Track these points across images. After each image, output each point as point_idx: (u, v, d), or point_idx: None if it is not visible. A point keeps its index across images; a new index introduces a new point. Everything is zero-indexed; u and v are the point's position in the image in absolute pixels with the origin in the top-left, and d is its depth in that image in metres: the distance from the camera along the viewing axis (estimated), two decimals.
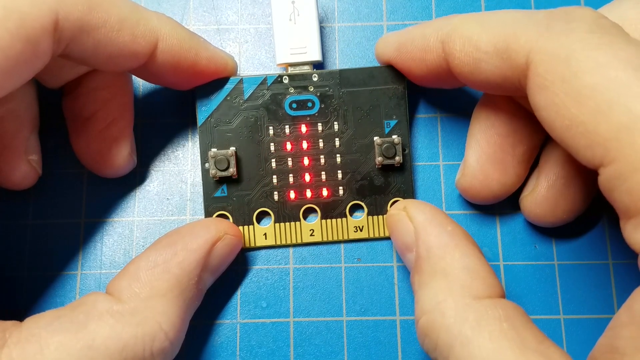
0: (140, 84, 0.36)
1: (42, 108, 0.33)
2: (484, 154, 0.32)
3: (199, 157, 0.35)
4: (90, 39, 0.27)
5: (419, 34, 0.30)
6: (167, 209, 0.35)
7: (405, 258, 0.30)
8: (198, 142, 0.34)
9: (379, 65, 0.34)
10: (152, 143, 0.35)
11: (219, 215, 0.33)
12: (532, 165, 0.33)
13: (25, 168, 0.32)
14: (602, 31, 0.24)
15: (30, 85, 0.32)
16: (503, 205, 0.34)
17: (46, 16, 0.25)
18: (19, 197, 0.34)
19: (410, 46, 0.31)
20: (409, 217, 0.29)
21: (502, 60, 0.26)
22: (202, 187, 0.33)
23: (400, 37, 0.31)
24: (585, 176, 0.31)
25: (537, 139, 0.32)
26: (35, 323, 0.26)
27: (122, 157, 0.33)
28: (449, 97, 0.36)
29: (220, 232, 0.31)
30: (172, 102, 0.36)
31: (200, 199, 0.34)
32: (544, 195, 0.31)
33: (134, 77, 0.35)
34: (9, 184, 0.32)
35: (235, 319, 0.33)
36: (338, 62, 0.36)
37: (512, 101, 0.31)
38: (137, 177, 0.35)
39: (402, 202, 0.31)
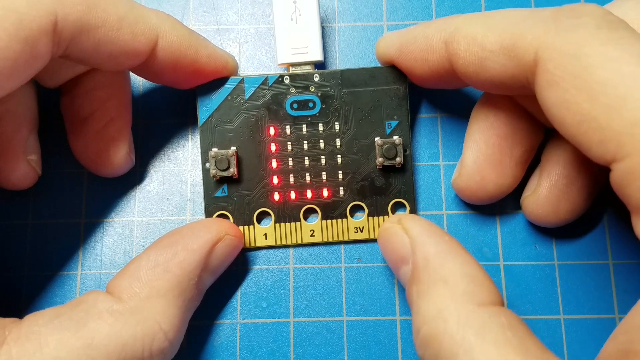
0: (140, 84, 0.36)
1: (42, 108, 0.33)
2: (481, 154, 0.31)
3: (199, 157, 0.35)
4: (90, 39, 0.27)
5: (420, 34, 0.30)
6: (167, 209, 0.35)
7: (400, 272, 0.29)
8: (198, 142, 0.34)
9: (380, 65, 0.34)
10: (152, 143, 0.35)
11: (219, 215, 0.33)
12: (531, 166, 0.33)
13: (24, 168, 0.32)
14: (611, 26, 0.24)
15: (29, 85, 0.32)
16: (503, 205, 0.34)
17: (44, 17, 0.25)
18: (19, 197, 0.34)
19: (412, 47, 0.31)
20: (404, 229, 0.29)
21: (509, 58, 0.26)
22: (202, 187, 0.33)
23: (402, 37, 0.31)
24: (587, 176, 0.31)
25: (536, 141, 0.32)
26: (35, 321, 0.26)
27: (120, 156, 0.33)
28: (449, 97, 0.36)
29: (221, 232, 0.31)
30: (172, 102, 0.36)
31: (200, 199, 0.34)
32: (546, 195, 0.31)
33: (133, 77, 0.35)
34: (9, 184, 0.32)
35: (235, 319, 0.33)
36: (338, 62, 0.36)
37: (512, 102, 0.31)
38: (137, 177, 0.35)
39: (395, 216, 0.31)
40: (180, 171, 0.35)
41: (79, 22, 0.26)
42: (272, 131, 0.33)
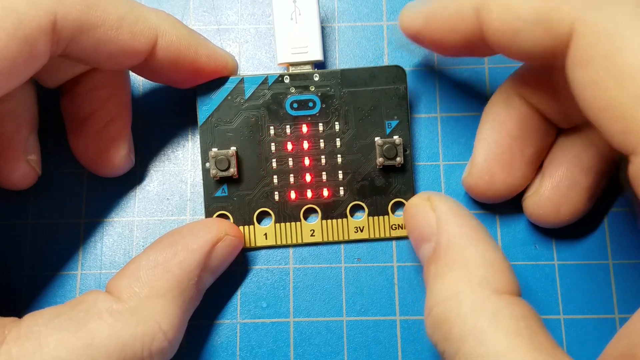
0: (140, 84, 0.36)
1: (42, 108, 0.33)
2: (492, 153, 0.31)
3: (199, 157, 0.35)
4: (90, 39, 0.27)
5: (450, 1, 0.29)
6: (167, 209, 0.35)
7: (420, 249, 0.29)
8: (198, 142, 0.34)
9: (380, 65, 0.33)
10: (152, 143, 0.35)
11: (219, 215, 0.33)
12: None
13: (24, 168, 0.32)
14: None
15: (29, 84, 0.32)
16: (504, 206, 0.34)
17: (43, 17, 0.25)
18: (19, 197, 0.34)
19: (441, 15, 0.29)
20: (432, 207, 0.29)
21: (543, 30, 0.25)
22: (202, 187, 0.33)
23: (429, 5, 0.30)
24: (590, 179, 0.31)
25: (547, 141, 0.32)
26: (35, 320, 0.26)
27: (120, 156, 0.33)
28: (449, 97, 0.36)
29: (221, 232, 0.31)
30: (172, 102, 0.36)
31: (200, 199, 0.34)
32: (548, 196, 0.31)
33: (133, 77, 0.35)
34: (8, 184, 0.32)
35: (235, 319, 0.33)
36: (338, 62, 0.36)
37: (524, 101, 0.31)
38: (137, 177, 0.35)
39: (425, 193, 0.30)
40: (180, 171, 0.35)
41: (78, 22, 0.26)
42: (272, 131, 0.33)
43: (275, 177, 0.33)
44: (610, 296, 0.33)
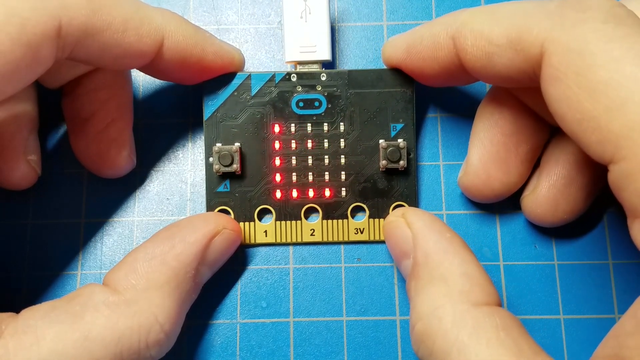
0: (141, 85, 0.36)
1: (42, 108, 0.33)
2: (487, 152, 0.32)
3: (199, 157, 0.35)
4: (95, 42, 0.27)
5: (427, 32, 0.30)
6: (167, 209, 0.35)
7: (402, 265, 0.30)
8: (198, 142, 0.34)
9: (385, 67, 0.33)
10: (152, 143, 0.35)
11: (220, 211, 0.33)
12: (534, 165, 0.33)
13: (24, 168, 0.32)
14: (617, 21, 0.24)
15: (30, 86, 0.32)
16: (503, 205, 0.34)
17: (48, 22, 0.25)
18: (19, 197, 0.34)
19: (420, 46, 0.30)
20: (407, 224, 0.29)
21: (515, 52, 0.26)
22: (202, 187, 0.33)
23: (408, 37, 0.31)
24: (586, 177, 0.31)
25: (541, 139, 0.32)
26: (32, 314, 0.26)
27: (122, 157, 0.33)
28: (449, 97, 0.36)
29: (219, 226, 0.31)
30: (172, 102, 0.36)
31: (200, 199, 0.34)
32: (545, 195, 0.31)
33: (134, 78, 0.35)
34: (8, 184, 0.32)
35: (235, 319, 0.33)
36: (338, 62, 0.36)
37: (517, 100, 0.31)
38: (137, 177, 0.35)
39: (400, 210, 0.31)
40: (180, 171, 0.35)
41: (83, 27, 0.26)
42: (276, 129, 0.33)
43: (277, 174, 0.33)
44: (610, 296, 0.33)
